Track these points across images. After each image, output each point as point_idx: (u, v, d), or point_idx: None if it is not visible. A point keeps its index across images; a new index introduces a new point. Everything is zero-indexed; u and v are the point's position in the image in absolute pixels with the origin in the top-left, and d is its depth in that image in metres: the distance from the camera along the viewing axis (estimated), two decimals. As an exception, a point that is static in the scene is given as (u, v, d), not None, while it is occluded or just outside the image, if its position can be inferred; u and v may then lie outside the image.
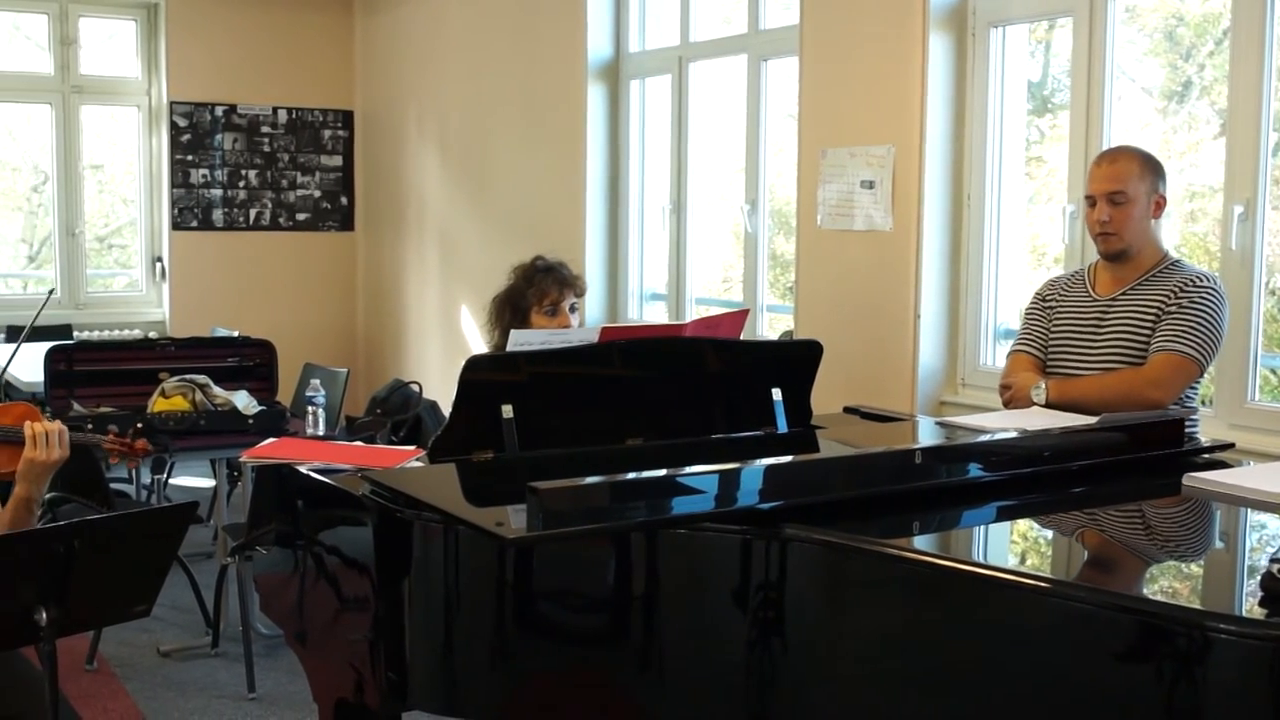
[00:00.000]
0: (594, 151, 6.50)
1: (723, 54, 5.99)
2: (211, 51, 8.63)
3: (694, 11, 6.11)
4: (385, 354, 8.83)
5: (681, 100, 6.15)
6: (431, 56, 8.05)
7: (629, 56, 6.47)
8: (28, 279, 9.03)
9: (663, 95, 6.33)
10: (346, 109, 9.07)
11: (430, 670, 2.49)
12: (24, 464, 2.97)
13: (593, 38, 6.46)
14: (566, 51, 6.59)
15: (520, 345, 3.12)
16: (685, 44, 6.14)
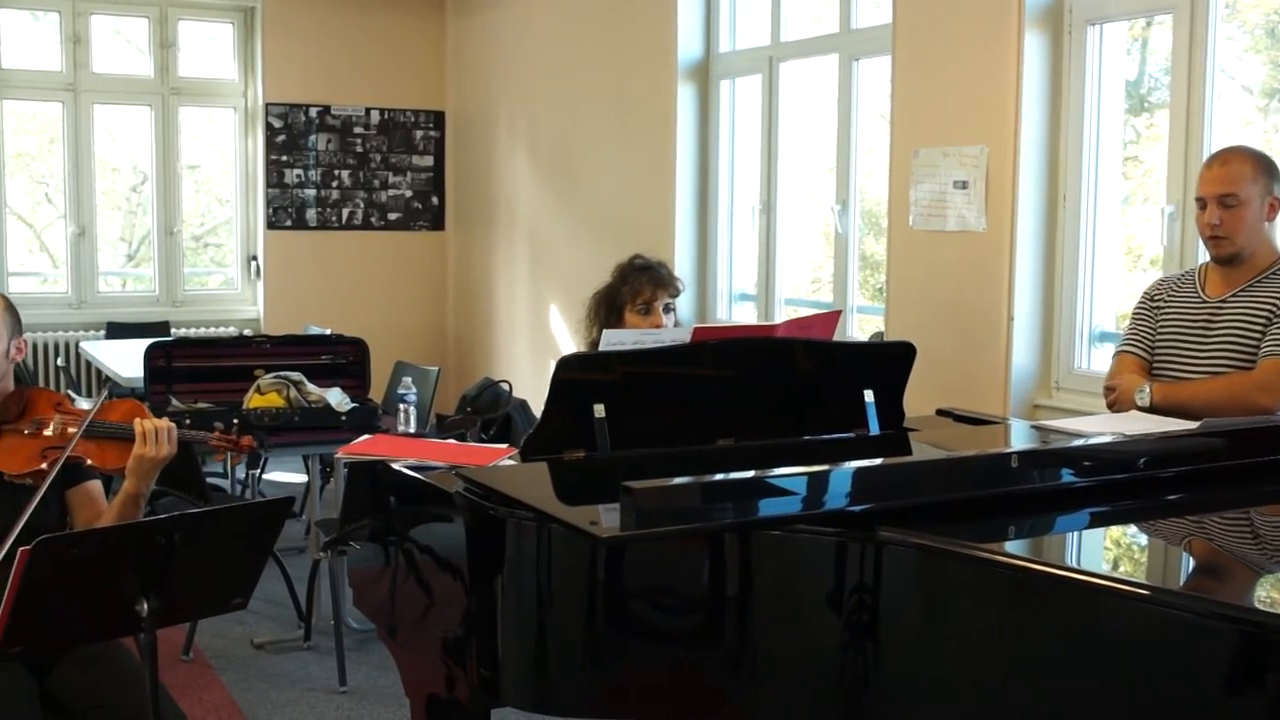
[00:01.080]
0: (684, 152, 6.50)
1: (813, 54, 5.96)
2: (306, 53, 8.76)
3: (784, 11, 6.09)
4: (475, 352, 8.89)
5: (772, 100, 6.13)
6: (522, 57, 8.10)
7: (719, 57, 6.47)
8: (126, 277, 9.22)
9: (753, 95, 6.31)
10: (438, 109, 9.16)
11: (522, 668, 2.50)
12: (133, 460, 3.03)
13: (683, 38, 6.47)
14: (657, 52, 6.60)
15: (613, 345, 3.13)
16: (776, 44, 6.12)
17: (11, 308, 3.20)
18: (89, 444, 3.09)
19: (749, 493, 2.38)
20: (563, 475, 2.74)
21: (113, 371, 6.28)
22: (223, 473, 6.71)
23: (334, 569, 4.83)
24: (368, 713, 4.44)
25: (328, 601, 4.98)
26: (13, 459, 3.05)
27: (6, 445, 3.08)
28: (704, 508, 2.32)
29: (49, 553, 2.40)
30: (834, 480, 2.48)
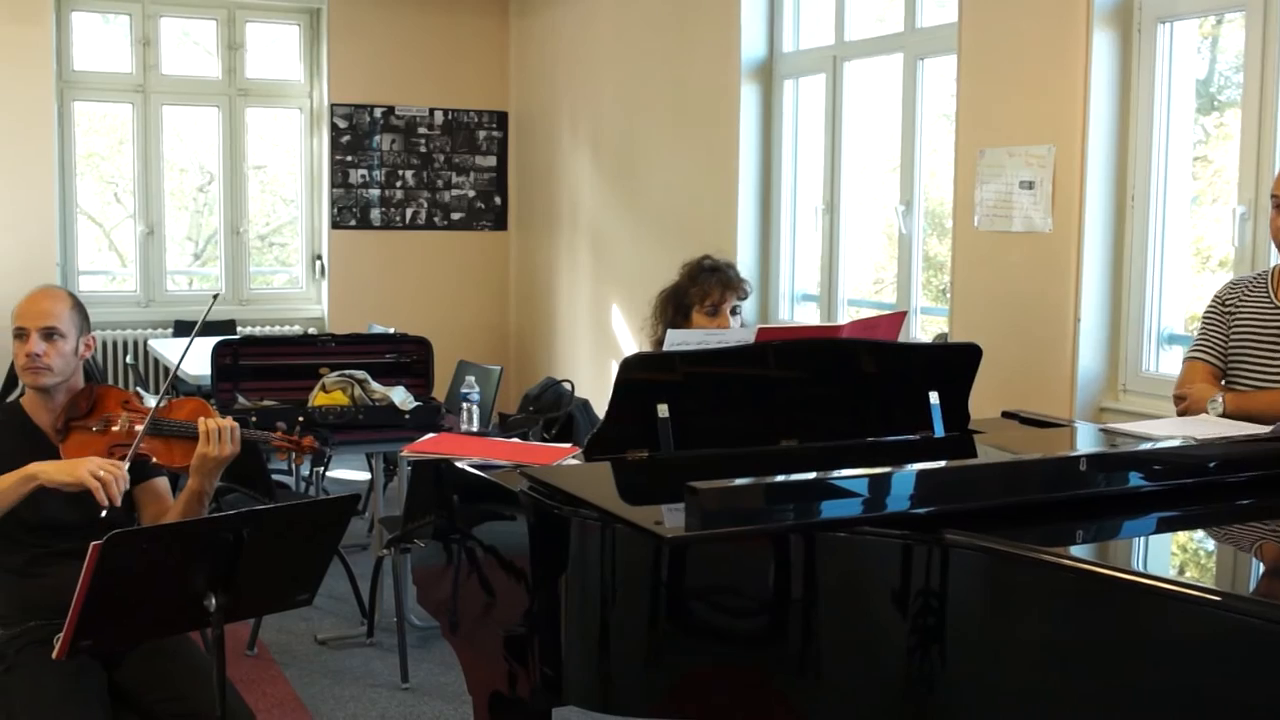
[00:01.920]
0: (746, 152, 6.49)
1: (878, 53, 5.93)
2: (371, 54, 8.84)
3: (849, 11, 6.06)
4: (536, 352, 8.93)
5: (835, 100, 6.10)
6: (585, 57, 8.12)
7: (783, 56, 6.45)
8: (193, 276, 9.33)
9: (817, 95, 6.29)
10: (501, 110, 9.20)
11: (585, 667, 2.50)
12: (197, 458, 3.07)
13: (746, 38, 6.45)
14: (720, 52, 6.59)
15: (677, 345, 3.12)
16: (840, 43, 6.10)
17: (80, 305, 3.24)
18: (155, 441, 3.13)
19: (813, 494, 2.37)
20: (626, 475, 2.75)
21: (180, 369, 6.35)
22: (287, 469, 6.78)
23: (397, 566, 4.86)
24: (429, 709, 4.46)
25: (390, 598, 5.02)
26: (81, 455, 3.10)
27: (75, 441, 3.13)
28: (768, 509, 2.32)
29: (120, 548, 2.43)
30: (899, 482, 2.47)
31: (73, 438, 3.13)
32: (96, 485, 2.82)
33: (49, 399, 3.16)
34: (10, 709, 2.91)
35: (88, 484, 2.83)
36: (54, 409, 3.16)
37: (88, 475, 2.83)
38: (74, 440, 3.13)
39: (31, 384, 3.13)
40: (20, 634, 3.03)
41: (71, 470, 2.87)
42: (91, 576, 2.42)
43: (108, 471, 2.85)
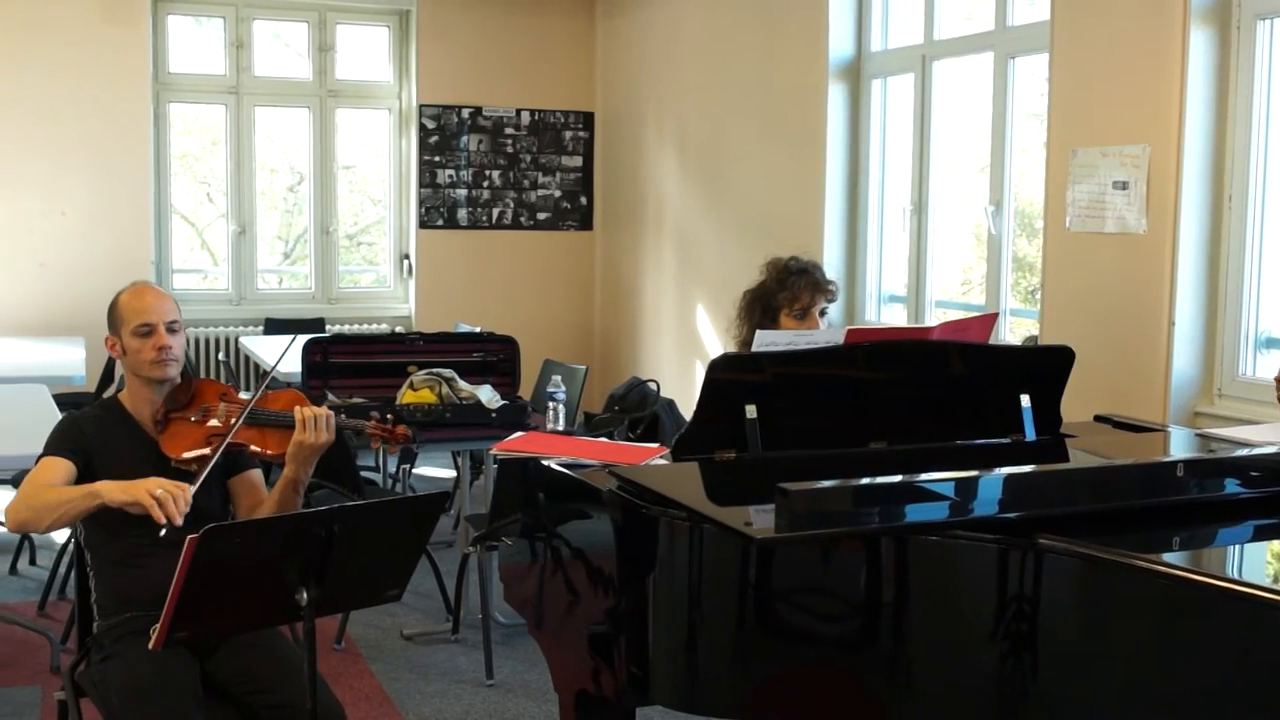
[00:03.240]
0: (834, 152, 6.46)
1: (967, 52, 5.87)
2: (459, 56, 8.91)
3: (938, 9, 6.01)
4: (621, 352, 8.94)
5: (924, 99, 6.05)
6: (671, 58, 8.12)
7: (871, 56, 6.41)
8: (282, 274, 9.46)
9: (905, 94, 6.24)
10: (587, 110, 9.24)
11: (672, 666, 2.51)
12: (293, 446, 3.11)
13: (834, 37, 6.42)
14: (807, 51, 6.56)
15: (766, 346, 3.11)
16: (929, 42, 6.05)
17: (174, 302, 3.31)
18: (251, 430, 3.18)
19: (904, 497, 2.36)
20: (714, 475, 2.74)
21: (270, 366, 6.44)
22: (374, 466, 6.85)
23: (482, 563, 4.89)
24: (514, 706, 4.48)
25: (476, 595, 5.05)
26: (180, 444, 3.16)
27: (174, 431, 3.19)
28: (858, 511, 2.31)
29: (215, 541, 2.47)
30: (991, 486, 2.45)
31: (172, 428, 3.19)
32: (153, 503, 2.83)
33: (154, 392, 3.22)
34: (107, 698, 2.97)
35: (144, 502, 2.83)
36: (155, 401, 3.22)
37: (144, 494, 2.84)
38: (173, 430, 3.19)
39: (160, 376, 3.20)
40: (118, 624, 3.09)
41: (130, 490, 2.88)
42: (188, 569, 2.46)
43: (166, 491, 2.85)
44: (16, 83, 7.98)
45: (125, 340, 3.19)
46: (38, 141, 8.05)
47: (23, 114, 8.01)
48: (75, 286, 7.94)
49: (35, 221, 8.09)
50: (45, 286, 8.07)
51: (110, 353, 3.26)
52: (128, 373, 3.25)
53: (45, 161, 8.08)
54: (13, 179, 8.02)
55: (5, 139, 7.99)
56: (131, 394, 3.25)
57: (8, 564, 5.88)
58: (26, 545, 6.02)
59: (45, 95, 8.04)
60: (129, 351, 3.19)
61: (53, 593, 5.43)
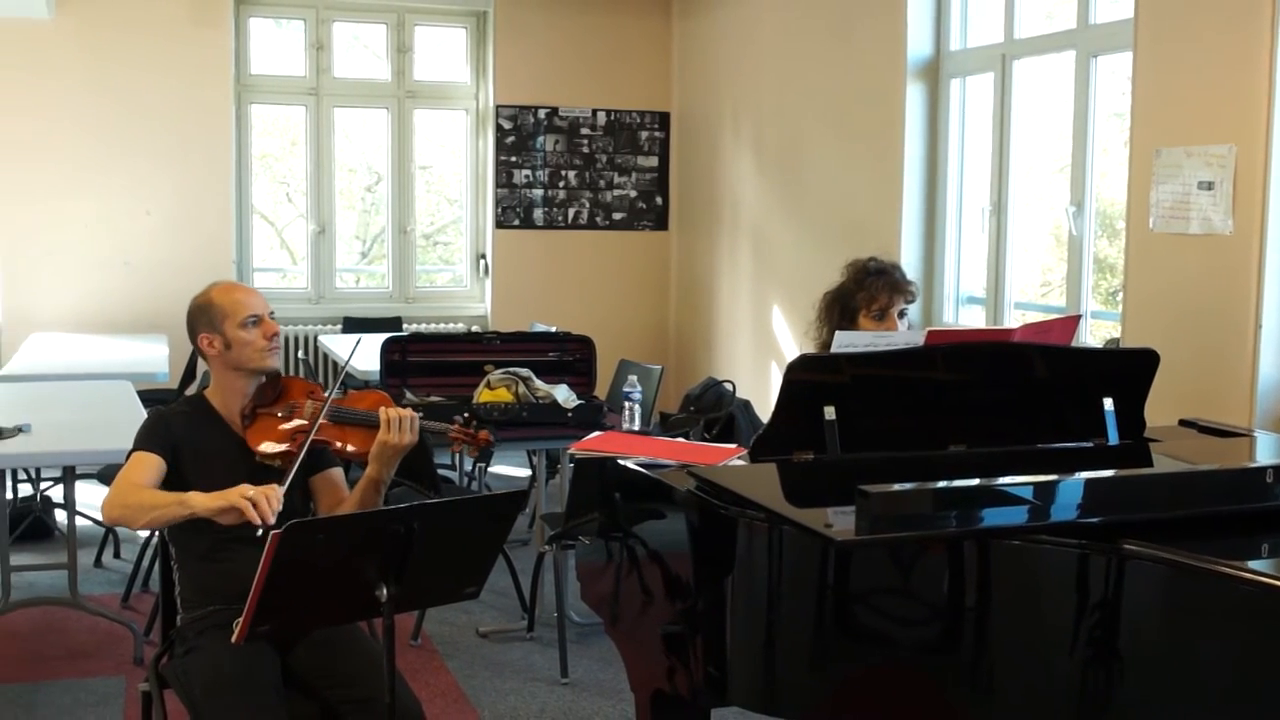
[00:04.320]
0: (911, 152, 6.41)
1: (1049, 50, 5.80)
2: (536, 56, 8.95)
3: (1019, 8, 5.94)
4: (696, 352, 8.94)
5: (1004, 99, 5.99)
6: (747, 57, 8.10)
7: (949, 55, 6.35)
8: (360, 274, 9.55)
9: (985, 94, 6.18)
10: (663, 110, 9.24)
11: (750, 668, 2.50)
12: (377, 446, 3.14)
13: (913, 36, 6.37)
14: (885, 51, 6.52)
15: (845, 347, 3.10)
16: (1009, 41, 5.98)
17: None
18: (335, 429, 3.22)
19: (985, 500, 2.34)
20: (792, 476, 2.73)
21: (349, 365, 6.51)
22: (450, 464, 6.90)
23: (558, 562, 4.91)
24: (589, 705, 4.50)
25: (551, 594, 5.07)
26: (265, 439, 3.21)
27: (260, 426, 3.23)
28: (940, 514, 2.29)
29: (298, 537, 2.50)
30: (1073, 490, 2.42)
31: (258, 423, 3.23)
32: (247, 505, 2.86)
33: (247, 385, 3.26)
34: (190, 690, 3.02)
35: (239, 506, 2.87)
36: (246, 396, 3.26)
37: (238, 499, 2.88)
38: (259, 425, 3.23)
39: (271, 365, 3.26)
40: (201, 617, 3.14)
41: (223, 497, 2.91)
42: (270, 564, 2.49)
43: (259, 492, 2.89)
44: (105, 85, 8.13)
45: (231, 333, 3.22)
46: (124, 142, 8.20)
47: (111, 116, 8.16)
48: (159, 285, 8.07)
49: (121, 221, 8.24)
50: (130, 285, 8.22)
51: (206, 351, 3.27)
52: (220, 369, 3.28)
53: (131, 162, 8.22)
54: (100, 179, 8.17)
55: (94, 140, 8.14)
56: (221, 390, 3.30)
57: (92, 557, 5.99)
58: (111, 538, 6.13)
59: (132, 97, 8.18)
60: (235, 344, 3.22)
61: (136, 585, 5.53)
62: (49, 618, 5.20)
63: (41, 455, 4.78)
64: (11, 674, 4.66)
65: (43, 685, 4.55)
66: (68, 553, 4.96)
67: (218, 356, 3.26)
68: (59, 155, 8.10)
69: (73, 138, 8.11)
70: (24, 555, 5.83)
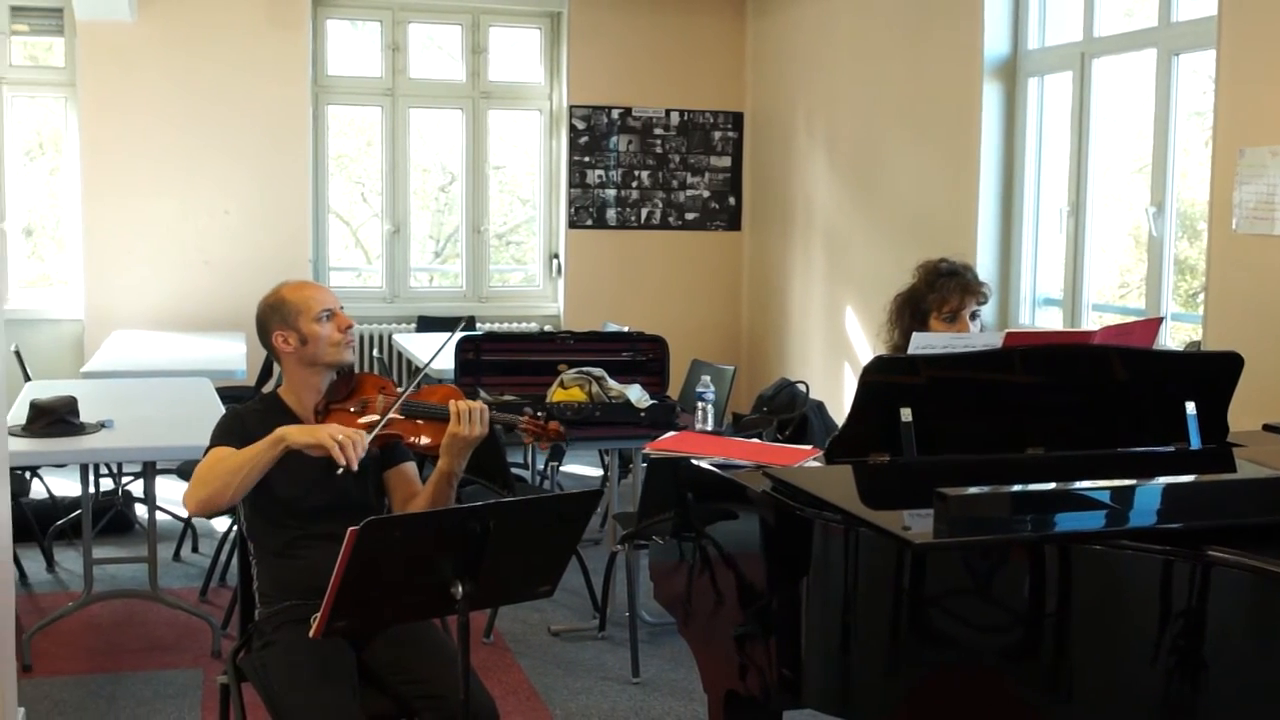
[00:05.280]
0: (988, 152, 6.35)
1: (1129, 49, 5.73)
2: (609, 57, 8.97)
3: (1098, 6, 5.87)
4: (768, 352, 8.91)
5: (1083, 98, 5.92)
6: (822, 57, 8.07)
7: (1027, 54, 6.29)
8: (433, 273, 9.62)
9: (1063, 93, 6.11)
10: (736, 110, 9.23)
11: (825, 670, 2.49)
12: (448, 438, 3.16)
13: (989, 35, 6.32)
14: (962, 50, 6.47)
15: (922, 348, 3.07)
16: (1088, 39, 5.91)
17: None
18: (407, 423, 3.24)
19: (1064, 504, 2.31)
20: (868, 478, 2.72)
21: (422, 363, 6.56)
22: (523, 463, 6.93)
23: (630, 562, 4.91)
24: (660, 704, 4.50)
25: (623, 593, 5.07)
26: None
27: (333, 421, 3.25)
28: (1017, 518, 2.27)
29: (375, 533, 2.52)
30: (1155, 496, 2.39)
31: (330, 419, 3.26)
32: (334, 445, 2.95)
33: (321, 380, 3.30)
34: (268, 683, 3.05)
35: (327, 444, 2.95)
36: (320, 391, 3.30)
37: (327, 437, 2.97)
38: (332, 420, 3.25)
39: (346, 359, 3.31)
40: (278, 612, 3.17)
41: (314, 433, 3.00)
42: (348, 560, 2.51)
43: (347, 435, 2.97)
44: (185, 86, 8.25)
45: (306, 328, 3.26)
46: (204, 143, 8.32)
47: (191, 116, 8.28)
48: (237, 284, 8.17)
49: (201, 220, 8.36)
50: (208, 283, 8.33)
51: (281, 349, 3.30)
52: (294, 365, 3.31)
53: (211, 162, 8.34)
54: (181, 179, 8.30)
55: (175, 140, 8.27)
56: (295, 386, 3.33)
57: (171, 551, 6.08)
58: (190, 533, 6.22)
59: (212, 98, 8.30)
60: (310, 339, 3.26)
61: (214, 579, 5.61)
62: (129, 610, 5.29)
63: (123, 450, 4.86)
64: (93, 664, 4.74)
65: (123, 676, 4.63)
66: (148, 546, 5.04)
67: (293, 353, 3.29)
68: (141, 156, 8.23)
69: (154, 138, 8.24)
70: (106, 548, 5.94)
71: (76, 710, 4.33)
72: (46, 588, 5.65)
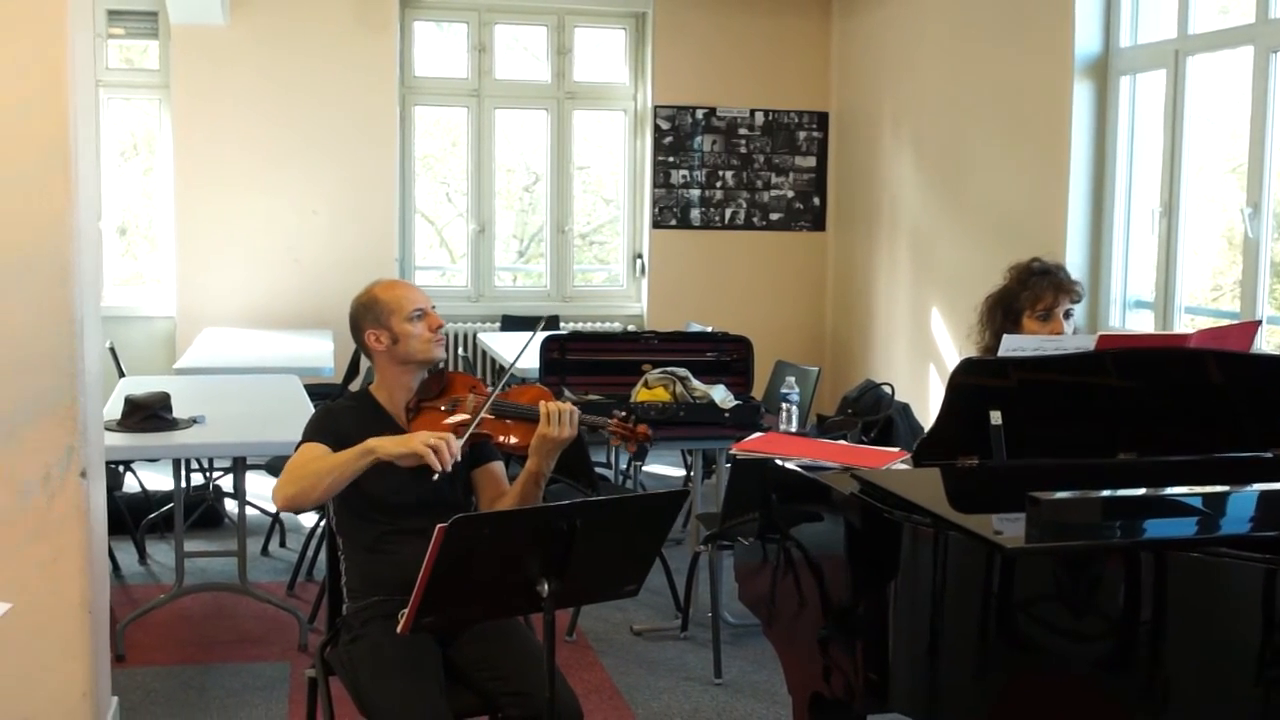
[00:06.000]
0: (1078, 152, 6.26)
1: (1224, 46, 5.62)
2: (694, 57, 8.97)
3: (1192, 2, 5.76)
4: (852, 353, 8.86)
5: (1176, 96, 5.82)
6: (909, 56, 8.01)
7: (1119, 52, 6.19)
8: (517, 273, 9.67)
9: (1156, 92, 6.01)
10: (822, 110, 9.18)
11: (913, 674, 2.46)
12: (536, 439, 3.18)
13: (1081, 33, 6.23)
14: (1052, 48, 6.38)
15: (1012, 350, 3.04)
16: (1182, 37, 5.81)
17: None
18: (496, 423, 3.26)
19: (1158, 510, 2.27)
20: (957, 481, 2.69)
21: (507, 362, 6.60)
22: (605, 462, 6.95)
23: (713, 562, 4.91)
24: (742, 706, 4.49)
25: (706, 594, 5.07)
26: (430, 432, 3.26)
27: (425, 420, 3.29)
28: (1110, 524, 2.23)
29: (464, 530, 2.54)
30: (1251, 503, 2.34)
31: (422, 417, 3.29)
32: (428, 451, 2.96)
33: (412, 379, 3.33)
34: (355, 677, 3.09)
35: (420, 452, 2.97)
36: (411, 389, 3.33)
37: (420, 445, 2.98)
38: (423, 419, 3.28)
39: (437, 356, 3.34)
40: (366, 607, 3.20)
41: (405, 443, 3.02)
42: (436, 557, 2.53)
43: (438, 439, 2.98)
44: (276, 88, 8.38)
45: (398, 327, 3.29)
46: (294, 143, 8.43)
47: (281, 117, 8.40)
48: (325, 282, 8.28)
49: (290, 219, 8.48)
50: (297, 281, 8.45)
51: (373, 347, 3.34)
52: (385, 363, 3.35)
53: (300, 162, 8.46)
54: (271, 179, 8.42)
55: (266, 141, 8.39)
56: (387, 384, 3.36)
57: (259, 545, 6.17)
58: (278, 528, 6.30)
59: (301, 99, 8.42)
60: (402, 338, 3.29)
61: (301, 574, 5.68)
62: (219, 603, 5.38)
63: (215, 446, 4.94)
64: (184, 655, 4.82)
65: (213, 667, 4.71)
66: (237, 540, 5.12)
67: (384, 351, 3.33)
68: (232, 156, 8.36)
69: (245, 139, 8.37)
70: (196, 542, 6.04)
71: (168, 700, 4.41)
72: (139, 579, 5.76)
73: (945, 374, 7.31)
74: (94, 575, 3.64)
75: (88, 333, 3.58)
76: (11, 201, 3.40)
